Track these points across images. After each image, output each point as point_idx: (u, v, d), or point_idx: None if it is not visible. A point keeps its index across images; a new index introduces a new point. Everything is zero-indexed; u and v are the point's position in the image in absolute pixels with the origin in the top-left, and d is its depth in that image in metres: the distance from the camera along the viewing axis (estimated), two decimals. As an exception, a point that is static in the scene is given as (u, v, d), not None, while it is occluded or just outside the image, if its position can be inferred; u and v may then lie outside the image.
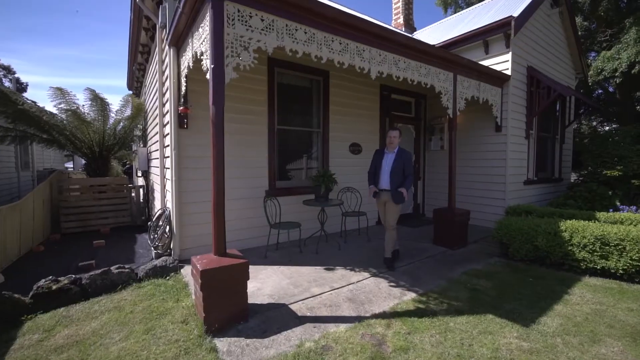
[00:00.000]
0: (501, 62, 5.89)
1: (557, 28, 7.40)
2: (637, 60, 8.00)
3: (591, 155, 6.69)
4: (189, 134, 4.01)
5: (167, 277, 3.50)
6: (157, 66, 4.67)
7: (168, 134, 4.08)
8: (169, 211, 4.07)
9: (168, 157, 4.15)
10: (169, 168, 4.10)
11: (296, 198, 5.03)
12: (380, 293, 3.18)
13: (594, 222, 4.35)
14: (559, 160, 7.84)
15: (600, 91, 13.98)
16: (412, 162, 3.89)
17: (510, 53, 5.78)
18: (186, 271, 3.65)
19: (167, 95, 4.11)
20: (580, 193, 6.23)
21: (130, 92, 9.79)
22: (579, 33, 8.88)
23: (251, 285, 3.13)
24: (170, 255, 4.00)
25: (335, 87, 5.52)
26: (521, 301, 2.95)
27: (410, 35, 8.23)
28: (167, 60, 4.10)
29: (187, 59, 3.42)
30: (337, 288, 3.29)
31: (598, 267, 3.51)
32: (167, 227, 4.03)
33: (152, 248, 4.05)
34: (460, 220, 4.73)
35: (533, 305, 2.86)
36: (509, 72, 5.76)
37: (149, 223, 4.25)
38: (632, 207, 5.83)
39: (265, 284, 3.34)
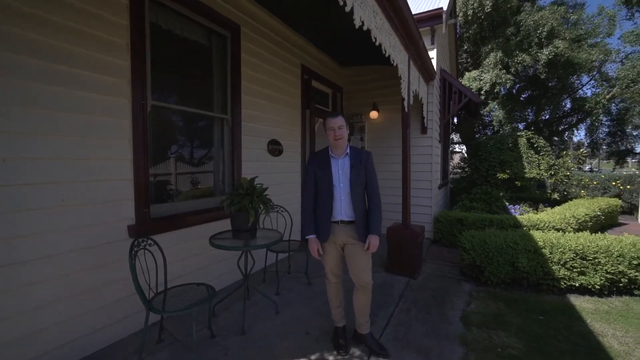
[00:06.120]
0: (426, 59, 5.45)
1: (447, 40, 7.86)
2: (497, 81, 9.65)
3: (479, 159, 7.32)
4: None
5: None
6: None
7: None
8: None
9: None
10: None
11: (193, 232, 2.90)
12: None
13: (540, 230, 4.26)
14: (447, 164, 8.46)
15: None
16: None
17: (435, 50, 5.42)
18: None
19: None
20: (479, 195, 6.59)
21: None
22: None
23: None
24: None
25: (249, 54, 3.63)
26: (583, 369, 2.11)
27: None
28: None
29: None
30: None
31: (577, 285, 3.18)
32: None
33: None
34: (421, 241, 3.80)
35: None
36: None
37: None
38: (517, 206, 6.56)
39: None
